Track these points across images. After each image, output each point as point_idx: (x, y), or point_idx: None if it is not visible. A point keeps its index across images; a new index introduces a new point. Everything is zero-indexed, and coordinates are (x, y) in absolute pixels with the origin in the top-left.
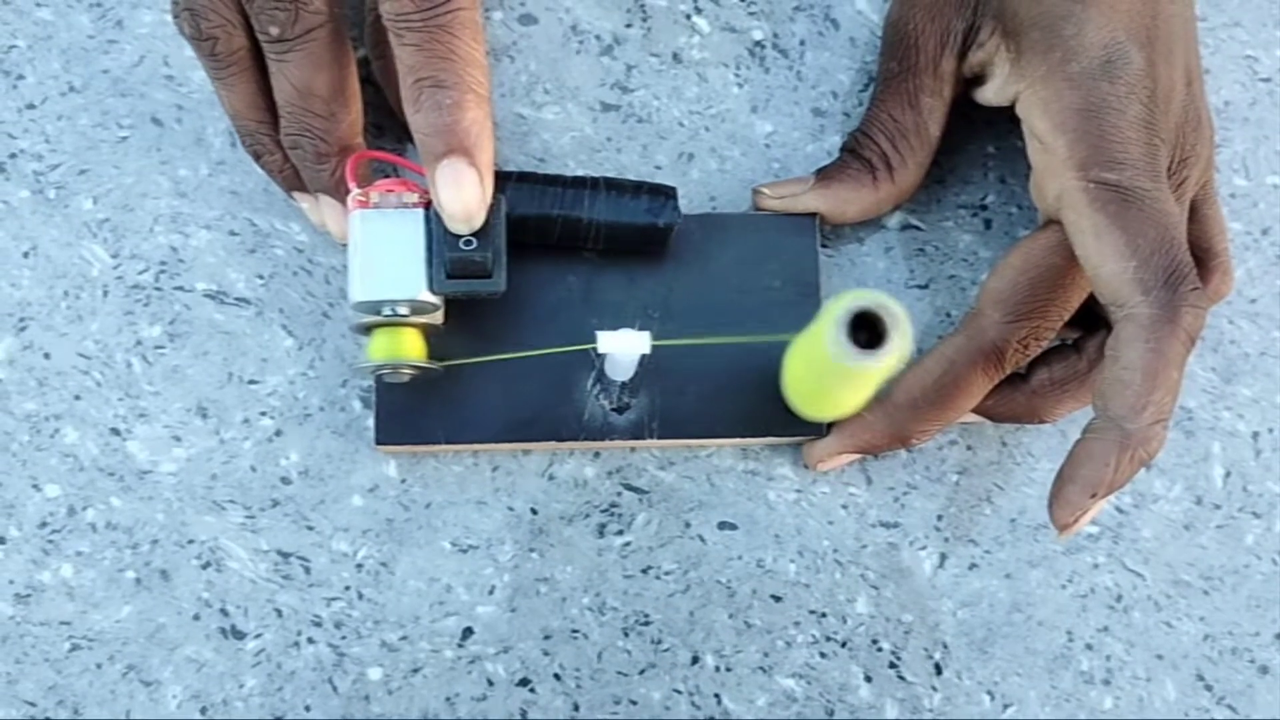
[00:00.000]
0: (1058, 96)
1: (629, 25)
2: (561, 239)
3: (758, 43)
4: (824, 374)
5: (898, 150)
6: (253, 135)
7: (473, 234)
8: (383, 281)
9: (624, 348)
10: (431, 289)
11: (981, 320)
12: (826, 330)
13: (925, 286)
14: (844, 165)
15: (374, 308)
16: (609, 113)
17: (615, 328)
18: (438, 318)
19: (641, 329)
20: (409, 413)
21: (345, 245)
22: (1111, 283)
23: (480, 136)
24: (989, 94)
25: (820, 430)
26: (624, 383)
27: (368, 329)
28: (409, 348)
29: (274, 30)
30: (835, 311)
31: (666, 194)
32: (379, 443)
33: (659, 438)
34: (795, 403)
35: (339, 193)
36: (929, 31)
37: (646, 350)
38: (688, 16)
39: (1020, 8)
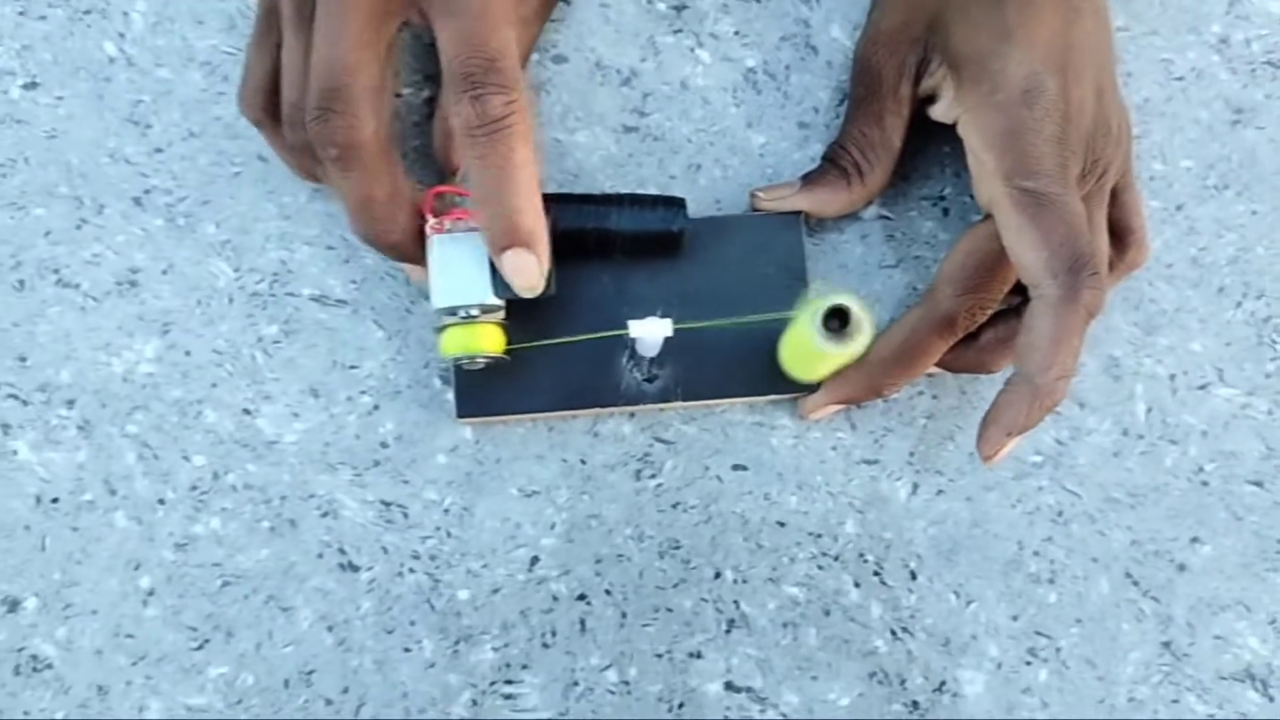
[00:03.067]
0: (988, 121)
1: (644, 59)
2: (595, 246)
3: (750, 69)
4: (807, 353)
5: (867, 159)
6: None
7: None
8: (458, 290)
9: (651, 332)
10: (496, 294)
11: (937, 295)
12: (808, 323)
13: (895, 266)
14: (824, 171)
15: (452, 311)
16: (630, 134)
17: (643, 316)
18: (500, 315)
19: (664, 316)
20: (482, 390)
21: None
22: (1029, 269)
23: (534, 228)
24: (938, 112)
25: (811, 388)
26: (652, 358)
27: (446, 327)
28: (480, 342)
29: (333, 152)
30: (814, 308)
31: (678, 204)
32: (459, 416)
33: (682, 400)
34: (788, 370)
35: (412, 260)
36: (889, 64)
37: (669, 334)
38: (692, 50)
39: (961, 47)
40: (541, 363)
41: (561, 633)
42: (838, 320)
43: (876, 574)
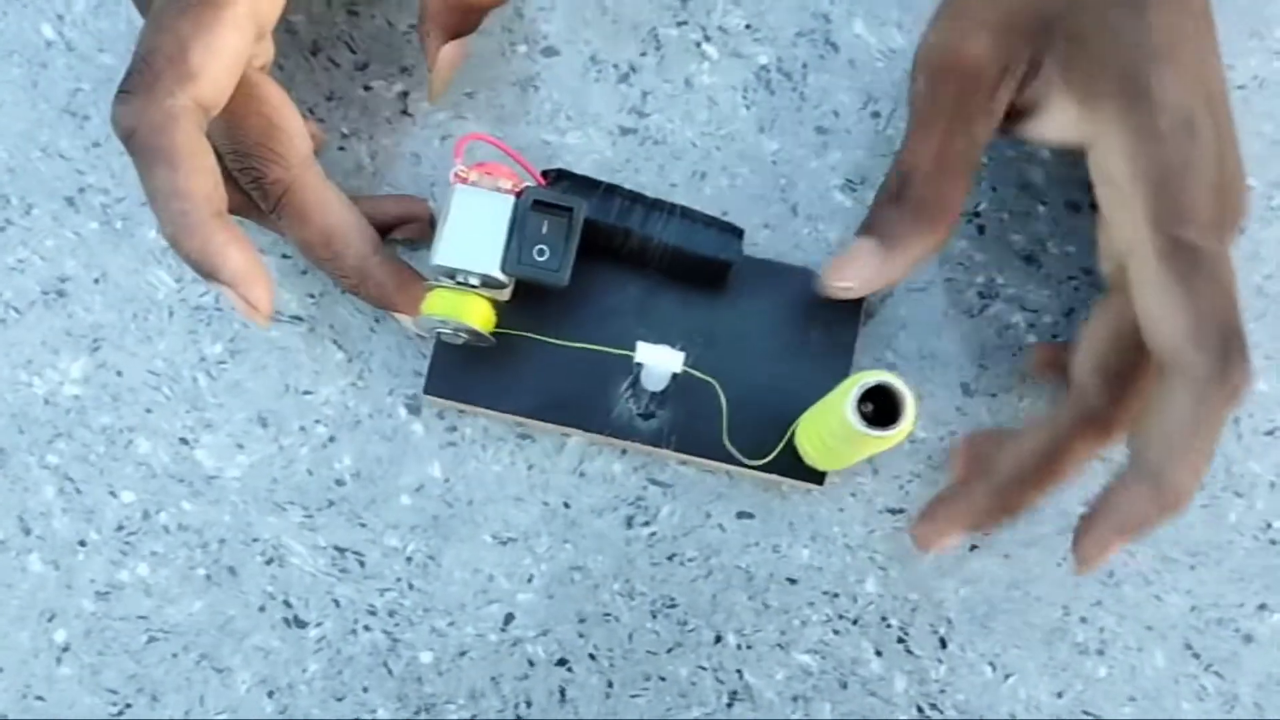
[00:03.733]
0: (1147, 151)
1: (644, 54)
2: (631, 252)
3: (763, 67)
4: (835, 435)
5: (951, 183)
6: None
7: (547, 244)
8: (463, 252)
9: (659, 361)
10: (503, 268)
11: (1082, 392)
12: (846, 401)
13: (924, 290)
14: (899, 220)
15: (450, 273)
16: (627, 136)
17: (658, 342)
18: (504, 295)
19: (682, 349)
20: (459, 372)
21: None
22: (1169, 337)
23: (214, 259)
24: (1045, 131)
25: (817, 478)
26: (654, 393)
27: (436, 287)
28: (466, 312)
29: (265, 205)
30: (851, 382)
31: (735, 233)
32: (426, 392)
33: (674, 450)
34: (805, 452)
35: (388, 306)
36: (993, 58)
37: (678, 370)
38: (697, 44)
39: (1100, 51)
40: (532, 361)
41: (538, 703)
42: (879, 400)
43: (901, 641)
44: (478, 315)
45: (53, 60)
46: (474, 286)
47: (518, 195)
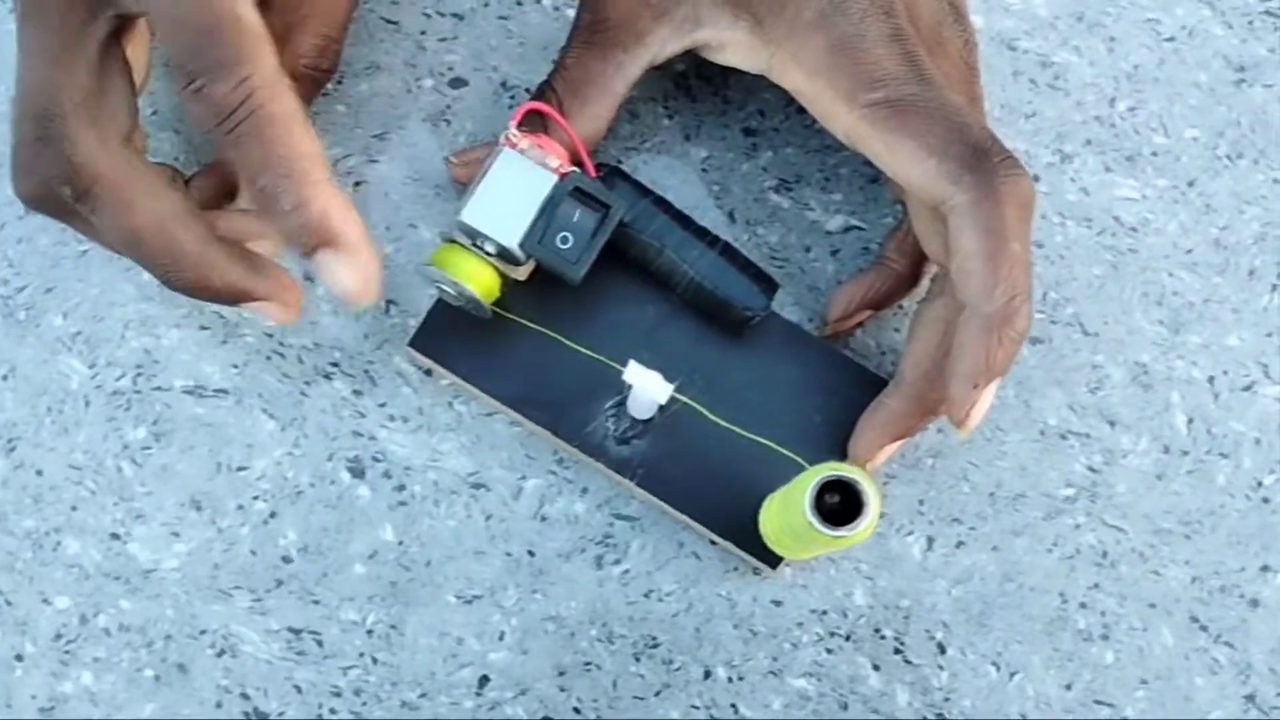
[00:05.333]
0: (803, 46)
1: None
2: (659, 272)
3: (680, 74)
4: (793, 525)
5: (576, 98)
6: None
7: (574, 234)
8: (490, 217)
9: (645, 385)
10: (522, 246)
11: (921, 399)
12: (805, 495)
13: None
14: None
15: (472, 234)
16: None
17: (658, 370)
18: (519, 274)
19: (678, 385)
20: (448, 336)
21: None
22: (923, 187)
23: (330, 223)
24: (736, 61)
25: (772, 562)
26: (638, 420)
27: (451, 241)
28: (468, 273)
29: (66, 191)
30: (812, 477)
31: (770, 285)
32: (412, 344)
33: (637, 484)
34: (765, 535)
35: (240, 297)
36: (638, 12)
37: (663, 400)
38: None
39: None
40: (525, 350)
41: None
42: (837, 495)
43: (898, 651)
44: (480, 282)
45: None
46: (489, 254)
47: (561, 177)
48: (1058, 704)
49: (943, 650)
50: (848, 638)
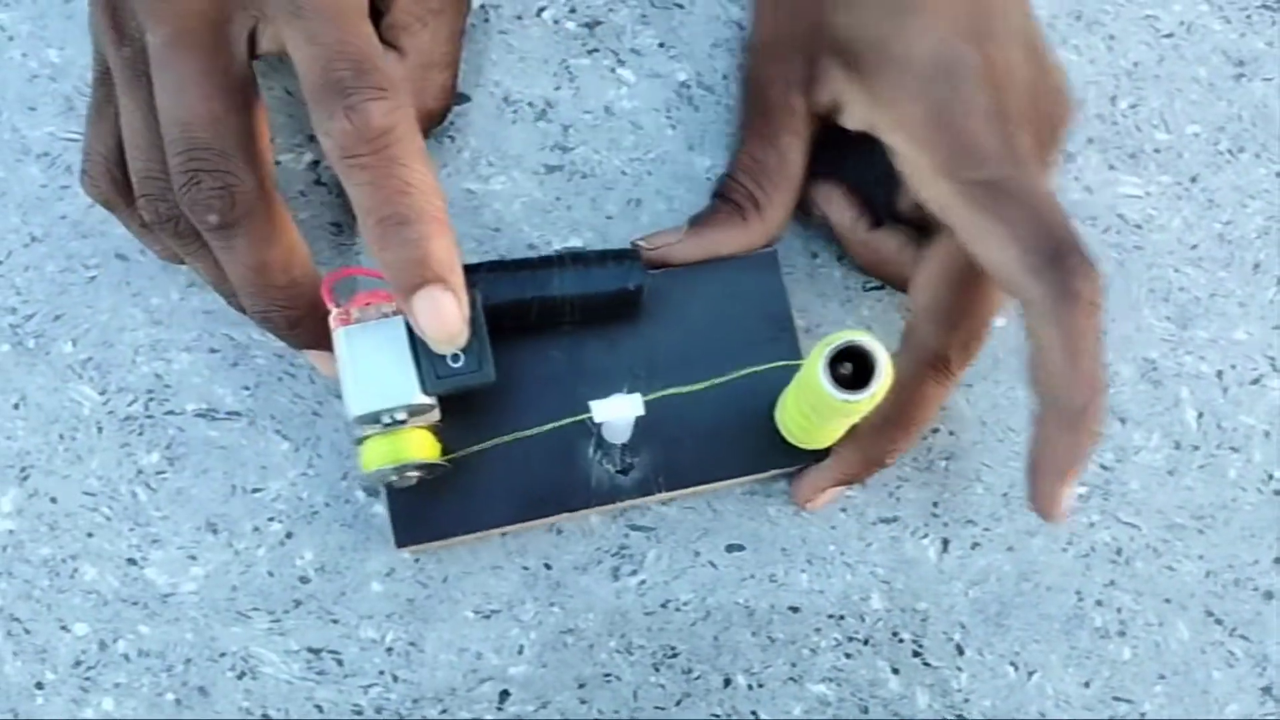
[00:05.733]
0: (904, 113)
1: (558, 88)
2: (539, 318)
3: (683, 83)
4: (816, 410)
5: (764, 189)
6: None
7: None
8: (377, 392)
9: (618, 412)
10: (425, 390)
11: (918, 334)
12: (815, 371)
13: (883, 287)
14: (715, 210)
15: (373, 418)
16: (554, 174)
17: (606, 394)
18: (434, 416)
19: (630, 391)
20: (423, 510)
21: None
22: (1003, 274)
23: (449, 260)
24: (850, 123)
25: (818, 456)
26: (624, 445)
27: (366, 438)
28: (409, 450)
29: (213, 219)
30: (818, 351)
31: (630, 257)
32: (399, 545)
33: (666, 490)
34: (793, 437)
35: (322, 344)
36: (775, 75)
37: (641, 412)
38: (612, 70)
39: (851, 39)
40: (492, 467)
41: None
42: (848, 364)
43: (916, 654)
44: (422, 448)
45: None
46: (402, 421)
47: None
48: (1077, 701)
49: (961, 651)
50: (866, 642)
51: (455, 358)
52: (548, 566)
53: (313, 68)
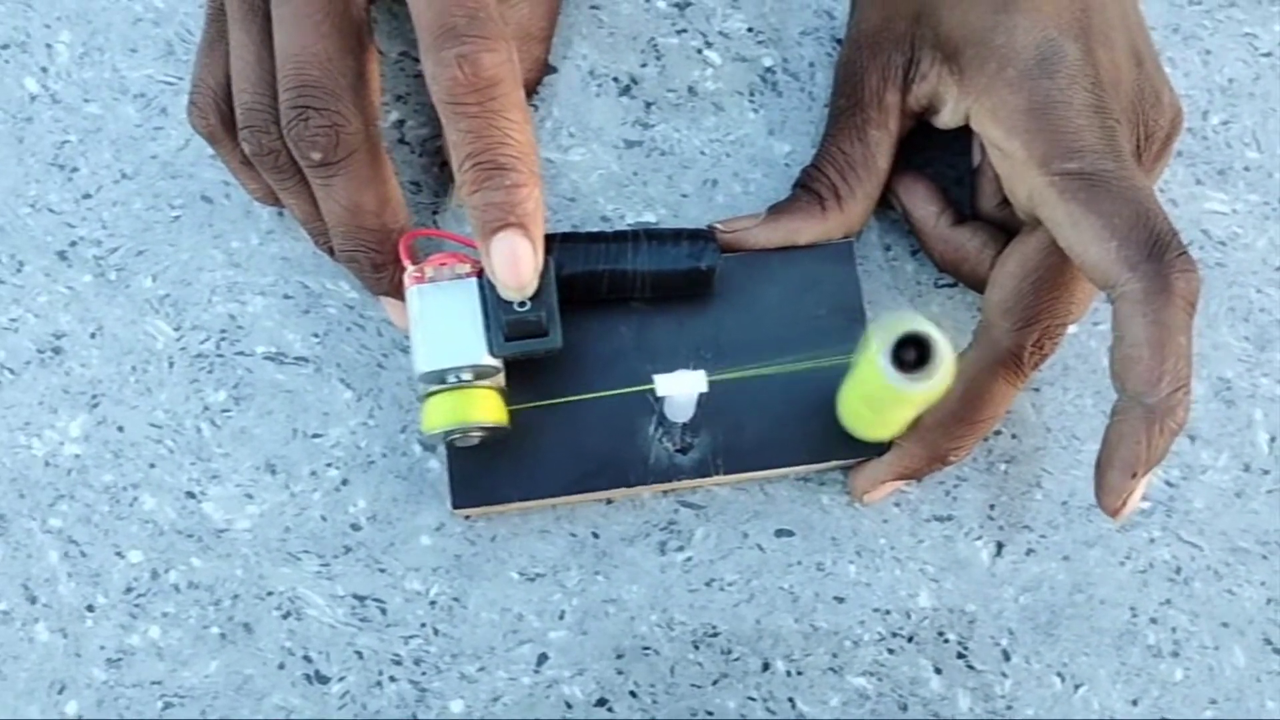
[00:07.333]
0: (1003, 103)
1: (644, 65)
2: (610, 292)
3: (768, 69)
4: (877, 400)
5: (846, 182)
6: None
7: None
8: (445, 350)
9: (682, 388)
10: (492, 352)
11: (993, 332)
12: (875, 359)
13: (956, 284)
14: (795, 199)
15: (439, 376)
16: (633, 149)
17: (670, 370)
18: (499, 380)
19: (695, 370)
20: (482, 473)
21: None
22: (1098, 266)
23: (535, 212)
24: (945, 119)
25: (880, 450)
26: (685, 424)
27: (431, 394)
28: (475, 410)
29: (316, 156)
30: (881, 339)
31: (705, 238)
32: (455, 506)
33: (725, 473)
34: (854, 427)
35: (399, 293)
36: (872, 68)
37: (704, 388)
38: (699, 51)
39: (953, 32)
40: (552, 436)
41: None
42: (912, 351)
43: (961, 656)
44: (488, 409)
45: (38, 114)
46: (467, 381)
47: (479, 275)
48: (1123, 719)
49: (1007, 657)
50: (910, 639)
51: (525, 325)
52: (595, 535)
53: (428, 10)
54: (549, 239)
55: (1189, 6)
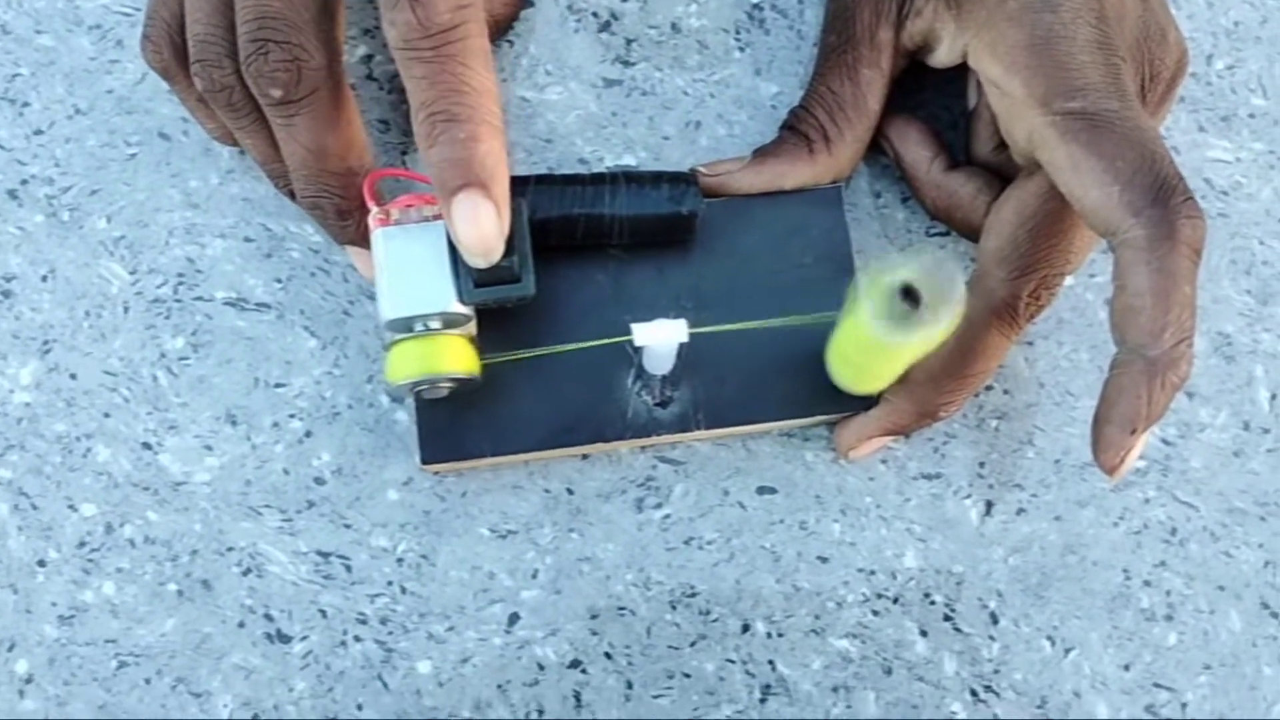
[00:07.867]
0: (1002, 37)
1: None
2: (586, 237)
3: (755, 5)
4: (867, 352)
5: (835, 124)
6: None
7: None
8: (412, 297)
9: (661, 338)
10: (461, 299)
11: (987, 281)
12: (867, 308)
13: (948, 233)
14: (781, 142)
15: (406, 324)
16: (612, 88)
17: (649, 320)
18: (470, 329)
19: (675, 319)
20: (452, 428)
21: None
22: (1100, 211)
23: (496, 168)
24: (941, 56)
25: (867, 404)
26: (664, 376)
27: (396, 343)
28: (443, 360)
29: (276, 93)
30: (873, 288)
31: (687, 181)
32: (424, 462)
33: (705, 428)
34: (842, 380)
35: (366, 242)
36: (864, 3)
37: (684, 338)
38: None
39: None
40: (525, 389)
41: (551, 710)
42: (905, 301)
43: (948, 618)
44: (457, 359)
45: None
46: (435, 329)
47: None
48: (1115, 684)
49: (995, 620)
50: (895, 600)
51: (496, 271)
52: (570, 491)
53: None
54: (520, 181)
55: None
